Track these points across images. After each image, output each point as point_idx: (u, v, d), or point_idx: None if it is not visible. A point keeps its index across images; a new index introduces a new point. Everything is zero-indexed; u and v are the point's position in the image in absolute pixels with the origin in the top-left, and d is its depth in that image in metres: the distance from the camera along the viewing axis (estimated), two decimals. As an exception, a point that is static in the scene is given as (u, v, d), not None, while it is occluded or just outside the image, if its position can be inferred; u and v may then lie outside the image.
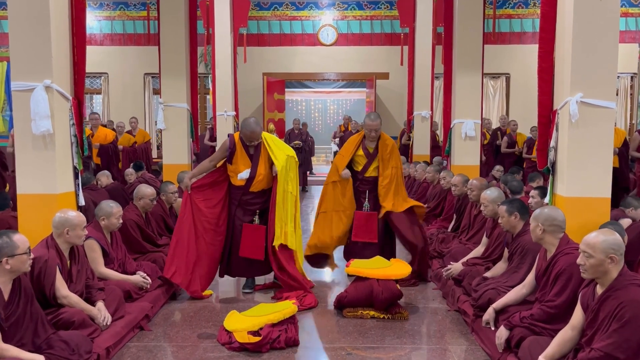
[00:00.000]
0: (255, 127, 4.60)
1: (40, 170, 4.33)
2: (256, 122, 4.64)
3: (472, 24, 7.47)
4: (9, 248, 2.89)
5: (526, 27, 13.34)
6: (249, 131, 4.60)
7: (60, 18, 4.39)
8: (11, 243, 2.91)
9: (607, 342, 2.54)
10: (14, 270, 2.91)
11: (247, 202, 4.73)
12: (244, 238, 4.67)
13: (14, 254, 2.90)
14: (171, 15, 7.64)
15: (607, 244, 2.66)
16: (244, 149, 4.69)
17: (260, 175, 4.68)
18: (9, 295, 2.93)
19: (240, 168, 4.69)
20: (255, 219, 4.73)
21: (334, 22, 13.68)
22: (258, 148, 4.70)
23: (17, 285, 2.99)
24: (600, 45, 4.08)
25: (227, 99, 11.24)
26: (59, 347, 2.97)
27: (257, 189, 4.71)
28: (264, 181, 4.72)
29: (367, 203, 5.11)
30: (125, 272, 4.36)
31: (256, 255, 4.67)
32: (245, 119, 4.71)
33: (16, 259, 2.90)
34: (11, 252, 2.89)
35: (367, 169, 5.11)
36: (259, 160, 4.68)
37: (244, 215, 4.74)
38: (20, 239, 2.97)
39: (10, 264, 2.88)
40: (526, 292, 3.54)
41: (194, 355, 3.49)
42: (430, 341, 3.79)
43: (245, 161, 4.69)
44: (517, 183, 5.88)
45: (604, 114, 4.12)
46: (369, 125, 5.05)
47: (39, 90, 4.23)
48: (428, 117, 10.84)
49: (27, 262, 2.97)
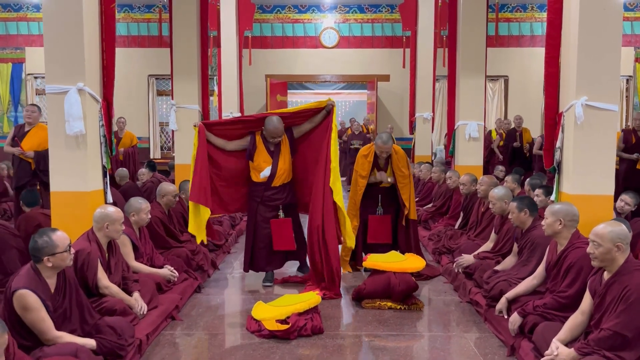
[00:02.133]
0: (279, 124, 4.81)
1: (72, 169, 4.55)
2: (279, 120, 4.84)
3: (476, 28, 7.72)
4: (49, 247, 3.02)
5: (524, 31, 13.64)
6: (272, 127, 4.79)
7: (92, 24, 4.61)
8: (51, 242, 3.03)
9: (615, 322, 2.80)
10: (55, 267, 3.07)
11: (270, 197, 4.95)
12: (274, 233, 4.92)
13: (54, 253, 3.03)
14: (183, 18, 7.82)
15: (614, 233, 2.92)
16: (264, 145, 4.92)
17: (282, 170, 4.92)
18: (55, 287, 3.11)
19: (262, 165, 4.90)
20: (280, 214, 4.96)
21: (335, 25, 13.92)
22: (279, 144, 4.93)
23: (62, 278, 3.17)
24: (604, 52, 4.34)
25: (232, 100, 11.49)
26: (107, 332, 3.18)
27: (278, 183, 4.93)
28: (285, 175, 4.95)
29: (380, 207, 5.33)
30: (153, 266, 4.58)
31: (289, 247, 4.95)
32: (269, 117, 4.90)
33: (57, 257, 3.04)
34: (51, 251, 3.02)
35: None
36: (279, 156, 4.92)
37: (266, 211, 4.96)
38: (60, 238, 3.09)
39: (51, 262, 3.03)
40: (537, 283, 3.79)
41: (227, 342, 3.72)
42: (446, 329, 4.04)
43: (266, 157, 4.92)
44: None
45: (607, 116, 4.38)
46: (380, 147, 5.14)
47: (73, 92, 4.45)
48: (430, 118, 11.11)
49: (67, 259, 3.12)
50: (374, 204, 5.35)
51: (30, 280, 2.95)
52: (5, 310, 2.93)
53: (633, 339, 2.77)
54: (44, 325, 2.91)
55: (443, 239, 5.94)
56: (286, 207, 5.00)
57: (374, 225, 5.29)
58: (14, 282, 2.94)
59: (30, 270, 3.02)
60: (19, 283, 2.92)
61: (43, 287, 3.00)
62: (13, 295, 2.89)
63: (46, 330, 2.92)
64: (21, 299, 2.88)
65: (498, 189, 4.91)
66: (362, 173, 5.26)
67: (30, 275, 2.98)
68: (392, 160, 5.27)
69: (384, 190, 5.35)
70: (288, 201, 5.00)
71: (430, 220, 7.16)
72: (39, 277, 3.01)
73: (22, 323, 2.93)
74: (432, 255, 5.93)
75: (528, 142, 9.84)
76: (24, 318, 2.90)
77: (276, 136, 4.85)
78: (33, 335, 2.94)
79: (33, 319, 2.90)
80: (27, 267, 3.06)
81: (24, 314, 2.90)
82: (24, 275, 2.98)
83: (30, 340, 2.93)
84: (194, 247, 5.36)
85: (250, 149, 4.93)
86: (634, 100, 13.60)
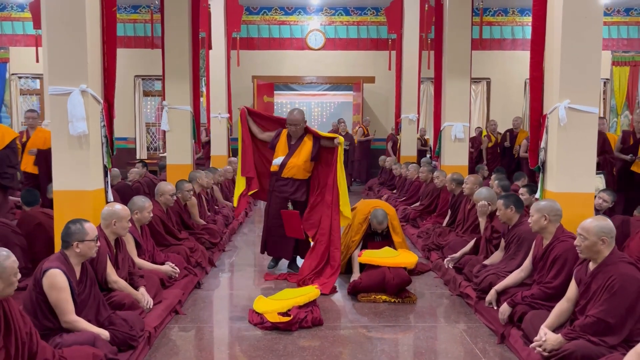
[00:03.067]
0: (298, 114, 5.23)
1: (75, 169, 4.65)
2: (300, 111, 5.27)
3: (461, 32, 7.98)
4: (80, 234, 3.28)
5: (505, 34, 13.99)
6: (292, 115, 5.22)
7: (94, 26, 4.72)
8: (82, 230, 3.30)
9: (600, 309, 3.03)
10: (82, 254, 3.31)
11: (279, 188, 5.28)
12: (285, 222, 5.24)
13: (84, 240, 3.29)
14: (175, 20, 7.91)
15: (599, 228, 3.15)
16: (287, 140, 5.27)
17: (292, 163, 5.22)
18: (79, 275, 3.31)
19: (279, 154, 5.28)
20: (289, 206, 5.26)
21: (321, 27, 14.11)
22: (300, 140, 5.24)
23: (84, 269, 3.38)
24: (586, 57, 4.59)
25: (221, 101, 11.61)
26: (120, 324, 3.33)
27: (287, 175, 5.24)
28: (294, 170, 5.23)
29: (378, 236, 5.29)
30: (154, 263, 4.71)
31: (298, 235, 5.24)
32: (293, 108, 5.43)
33: (85, 244, 3.29)
34: (81, 237, 3.28)
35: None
36: (296, 150, 5.23)
37: (277, 202, 5.29)
38: (91, 227, 3.36)
39: (80, 248, 3.28)
40: (524, 275, 4.02)
41: (231, 333, 3.88)
42: (439, 320, 4.26)
43: (284, 149, 5.27)
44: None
45: (588, 119, 4.63)
46: (376, 226, 5.10)
47: (76, 94, 4.55)
48: (415, 119, 11.35)
49: (94, 248, 3.36)
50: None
51: (61, 263, 3.18)
52: (34, 291, 3.11)
53: (615, 325, 3.00)
54: (67, 307, 3.10)
55: (432, 236, 6.16)
56: (294, 202, 5.27)
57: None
58: (46, 263, 3.16)
59: (60, 256, 3.26)
60: (52, 264, 3.14)
61: (70, 271, 3.21)
62: (44, 274, 3.09)
63: (68, 311, 3.11)
64: (51, 277, 3.08)
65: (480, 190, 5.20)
66: (355, 238, 5.19)
67: (61, 260, 3.22)
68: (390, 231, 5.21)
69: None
70: (296, 197, 5.26)
71: (418, 219, 7.39)
72: (68, 262, 3.24)
73: (47, 303, 3.10)
74: (422, 252, 6.14)
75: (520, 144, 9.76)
76: (50, 296, 3.08)
77: (293, 124, 5.18)
78: (55, 316, 3.12)
79: (58, 298, 3.08)
80: (57, 253, 3.30)
81: (51, 292, 3.07)
82: (55, 259, 3.22)
83: (51, 321, 3.11)
84: (192, 244, 5.50)
85: (274, 139, 5.34)
86: (611, 102, 14.03)
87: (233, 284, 5.22)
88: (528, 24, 13.99)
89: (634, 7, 13.79)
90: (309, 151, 5.21)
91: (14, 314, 2.67)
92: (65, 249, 3.29)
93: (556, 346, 3.10)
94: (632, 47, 13.99)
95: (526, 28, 14.02)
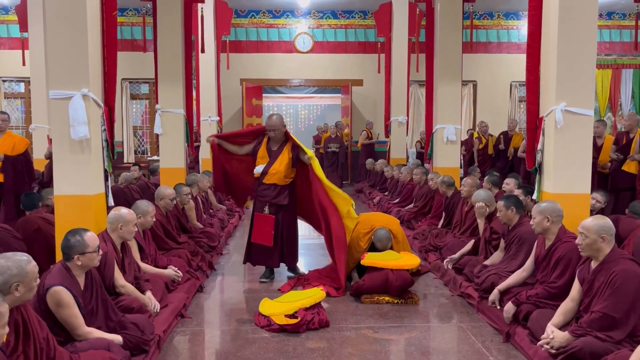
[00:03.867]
0: (277, 119, 5.24)
1: (77, 173, 4.63)
2: (279, 116, 5.28)
3: (452, 36, 8.09)
4: (80, 246, 3.20)
5: (491, 38, 14.19)
6: (271, 121, 5.24)
7: (95, 31, 4.71)
8: (82, 242, 3.20)
9: (604, 305, 3.12)
10: (84, 266, 3.23)
11: (261, 193, 5.29)
12: (255, 226, 5.24)
13: (85, 252, 3.20)
14: (168, 23, 7.90)
15: (598, 226, 3.26)
16: (267, 145, 5.27)
17: (274, 170, 5.22)
18: (84, 285, 3.27)
19: (260, 161, 5.28)
20: (266, 209, 5.25)
21: (309, 30, 14.17)
22: (281, 147, 5.23)
23: (90, 277, 3.33)
24: (581, 61, 4.70)
25: (211, 104, 11.59)
26: (131, 328, 3.33)
27: (269, 181, 5.23)
28: (276, 176, 5.22)
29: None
30: (157, 267, 4.71)
31: (265, 242, 5.19)
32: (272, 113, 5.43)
33: (86, 256, 3.21)
34: (82, 250, 3.20)
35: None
36: (277, 157, 5.22)
37: (259, 207, 5.31)
38: (91, 238, 3.26)
39: (81, 261, 3.20)
40: (526, 275, 4.11)
41: (239, 336, 3.89)
42: (443, 320, 4.33)
43: (265, 155, 5.26)
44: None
45: (584, 121, 4.74)
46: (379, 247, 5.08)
47: (77, 98, 4.54)
48: (404, 122, 11.46)
49: (95, 259, 3.28)
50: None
51: (63, 278, 3.09)
52: (38, 308, 3.04)
53: (620, 320, 3.09)
54: (77, 321, 3.05)
55: (429, 238, 6.24)
56: (273, 205, 5.24)
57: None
58: (47, 280, 3.06)
59: (61, 268, 3.17)
60: (53, 280, 3.05)
61: (74, 284, 3.14)
62: (47, 292, 3.01)
63: (78, 325, 3.05)
64: (55, 296, 3.01)
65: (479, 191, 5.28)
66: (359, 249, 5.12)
67: (62, 273, 3.13)
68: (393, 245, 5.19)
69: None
70: (276, 201, 5.24)
71: (412, 220, 7.46)
72: (70, 274, 3.16)
73: (54, 319, 3.05)
74: (419, 254, 6.21)
75: (515, 147, 9.65)
76: (57, 314, 3.03)
77: (272, 129, 5.20)
78: (65, 330, 3.07)
79: (66, 315, 3.03)
80: (58, 265, 3.20)
81: (58, 310, 3.02)
82: (56, 273, 3.11)
83: (61, 336, 3.06)
84: (192, 248, 5.51)
85: (255, 145, 5.33)
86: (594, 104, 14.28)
87: (234, 287, 5.22)
88: (513, 27, 14.24)
89: (616, 11, 14.09)
90: (289, 158, 5.22)
91: (32, 320, 2.67)
92: (67, 261, 3.21)
93: (564, 343, 3.18)
94: (614, 50, 14.29)
95: (511, 31, 14.25)
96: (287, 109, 19.62)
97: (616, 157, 7.02)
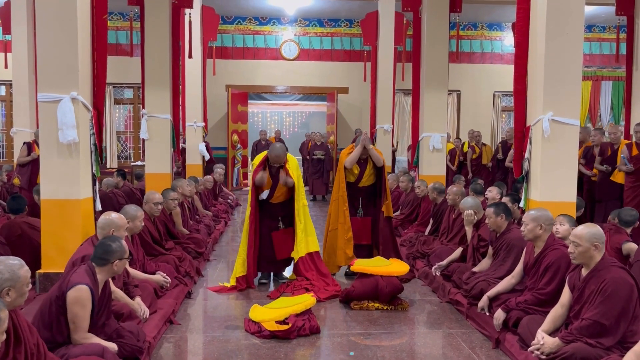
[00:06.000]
0: (281, 152, 5.25)
1: (65, 177, 4.59)
2: (282, 147, 5.28)
3: (439, 46, 8.20)
4: (121, 252, 3.28)
5: (475, 48, 14.39)
6: (274, 155, 5.23)
7: (85, 33, 4.68)
8: (123, 248, 3.30)
9: (594, 312, 3.16)
10: (116, 271, 3.29)
11: (269, 210, 5.41)
12: (276, 244, 5.31)
13: (123, 258, 3.29)
14: (156, 28, 7.88)
15: (591, 234, 3.30)
16: (269, 169, 5.33)
17: (279, 192, 5.35)
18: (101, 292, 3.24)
19: (265, 188, 5.32)
20: (280, 225, 5.36)
21: (295, 37, 14.21)
22: (278, 169, 5.34)
23: (106, 285, 3.30)
24: (567, 72, 4.80)
25: (196, 110, 11.56)
26: (128, 336, 3.29)
27: (277, 201, 5.39)
28: (282, 196, 5.39)
29: (360, 209, 5.63)
30: (145, 272, 4.65)
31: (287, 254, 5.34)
32: (273, 144, 5.39)
33: (123, 262, 3.31)
34: (122, 255, 3.28)
35: (361, 179, 5.63)
36: (278, 178, 5.32)
37: (269, 220, 5.38)
38: (126, 246, 3.36)
39: (117, 266, 3.26)
40: (515, 282, 4.15)
41: (230, 343, 3.86)
42: (433, 326, 4.34)
43: (269, 182, 5.33)
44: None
45: (570, 130, 4.84)
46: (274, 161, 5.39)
47: (66, 101, 4.51)
48: (390, 130, 11.52)
49: (124, 266, 3.39)
50: (354, 206, 5.64)
51: (91, 280, 3.10)
52: (55, 303, 3.02)
53: (610, 327, 3.14)
54: (84, 325, 3.04)
55: (416, 245, 6.27)
56: (284, 217, 5.40)
57: (355, 227, 5.55)
58: (75, 276, 3.06)
59: (89, 270, 3.16)
60: (82, 279, 3.05)
61: (96, 288, 3.14)
62: (72, 287, 3.00)
63: (83, 329, 3.04)
64: (79, 293, 3.00)
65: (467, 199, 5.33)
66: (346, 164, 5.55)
67: (90, 275, 3.13)
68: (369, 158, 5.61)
69: (364, 193, 5.65)
70: (286, 212, 5.42)
71: (399, 227, 7.50)
72: (95, 279, 3.16)
73: (65, 317, 3.02)
74: (406, 260, 6.22)
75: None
76: (70, 311, 3.00)
77: (276, 163, 5.27)
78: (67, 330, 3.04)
79: (78, 315, 3.01)
80: (84, 267, 3.18)
81: (73, 307, 3.00)
82: (84, 274, 3.11)
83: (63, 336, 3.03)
84: (180, 254, 5.46)
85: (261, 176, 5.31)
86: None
87: (222, 294, 5.18)
88: (496, 38, 14.45)
89: (596, 24, 14.39)
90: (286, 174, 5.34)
91: (22, 325, 2.62)
92: (99, 266, 3.20)
93: (554, 349, 3.22)
94: (593, 62, 14.57)
95: (494, 42, 14.46)
96: (271, 116, 19.63)
97: (604, 169, 7.06)
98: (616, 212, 5.13)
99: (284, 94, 14.90)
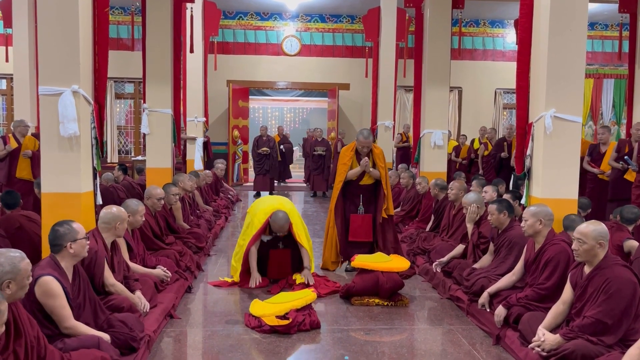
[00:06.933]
0: (285, 224, 5.06)
1: (66, 171, 4.56)
2: (286, 218, 5.05)
3: (441, 42, 8.17)
4: (71, 234, 3.23)
5: (477, 45, 14.36)
6: (278, 226, 5.06)
7: (86, 26, 4.65)
8: (72, 229, 3.25)
9: (597, 311, 3.15)
10: (76, 254, 3.24)
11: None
12: (271, 262, 5.25)
13: (76, 239, 3.23)
14: (158, 22, 7.84)
15: (596, 232, 3.28)
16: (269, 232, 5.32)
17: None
18: (72, 279, 3.24)
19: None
20: (280, 245, 5.32)
21: (297, 33, 14.18)
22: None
23: (77, 272, 3.31)
24: (570, 68, 4.77)
25: (197, 105, 11.54)
26: (119, 326, 3.29)
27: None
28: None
29: (361, 207, 5.63)
30: (146, 266, 4.65)
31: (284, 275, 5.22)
32: (276, 213, 5.07)
33: (78, 243, 3.24)
34: (73, 237, 3.23)
35: (362, 178, 5.62)
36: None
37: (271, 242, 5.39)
38: (79, 226, 3.31)
39: (73, 249, 3.21)
40: (515, 278, 4.14)
41: (230, 337, 3.86)
42: (433, 322, 4.34)
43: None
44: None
45: (572, 127, 4.82)
46: (362, 142, 5.52)
47: (67, 94, 4.47)
48: (391, 126, 11.51)
49: (86, 247, 3.31)
50: (355, 203, 5.65)
51: (52, 269, 3.09)
52: (27, 300, 2.97)
53: (613, 325, 3.13)
54: (65, 312, 3.02)
55: (417, 241, 6.27)
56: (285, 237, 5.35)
57: (355, 224, 5.56)
58: (36, 271, 3.03)
59: (50, 261, 3.16)
60: (44, 270, 3.04)
61: (63, 276, 3.13)
62: (36, 282, 2.98)
63: (66, 317, 3.03)
64: (44, 285, 2.98)
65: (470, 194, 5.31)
66: (344, 160, 5.62)
67: (51, 265, 3.13)
68: (372, 154, 5.63)
69: (365, 190, 5.65)
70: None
71: (400, 224, 7.49)
72: (59, 267, 3.15)
73: (42, 311, 3.01)
74: (407, 257, 6.22)
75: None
76: (45, 305, 3.00)
77: (281, 232, 5.15)
78: (52, 323, 3.04)
79: (54, 305, 3.00)
80: (46, 259, 3.20)
81: (46, 301, 2.99)
82: (45, 265, 3.11)
83: (49, 329, 3.02)
84: (180, 248, 5.46)
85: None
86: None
87: (223, 288, 5.17)
88: (499, 35, 14.42)
89: (598, 22, 14.35)
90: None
91: (23, 318, 2.61)
92: (57, 253, 3.21)
93: (555, 346, 3.22)
94: (595, 60, 14.54)
95: (496, 39, 14.43)
96: (272, 112, 19.63)
97: (620, 167, 6.81)
98: (618, 210, 5.13)
99: (285, 89, 14.87)
